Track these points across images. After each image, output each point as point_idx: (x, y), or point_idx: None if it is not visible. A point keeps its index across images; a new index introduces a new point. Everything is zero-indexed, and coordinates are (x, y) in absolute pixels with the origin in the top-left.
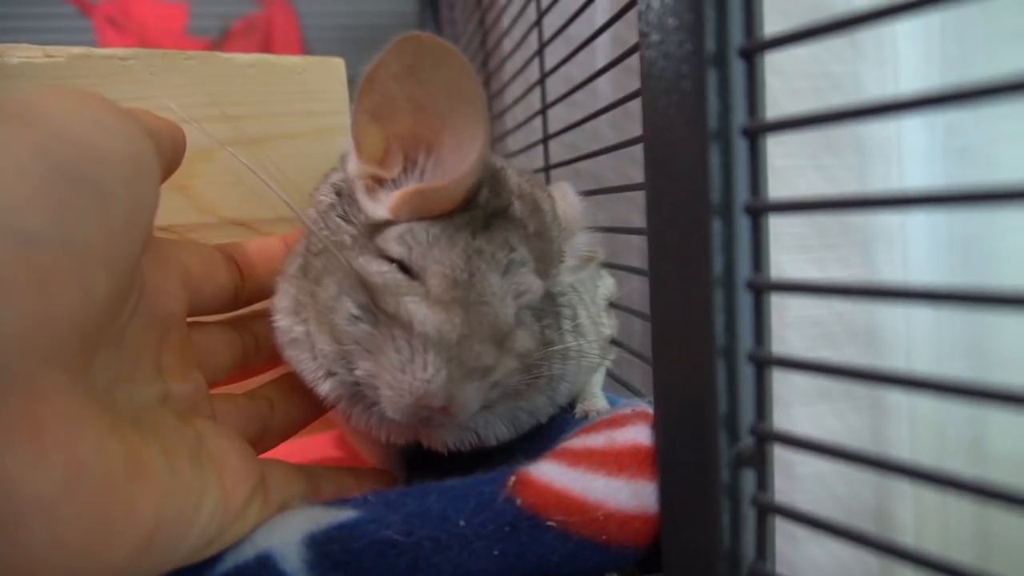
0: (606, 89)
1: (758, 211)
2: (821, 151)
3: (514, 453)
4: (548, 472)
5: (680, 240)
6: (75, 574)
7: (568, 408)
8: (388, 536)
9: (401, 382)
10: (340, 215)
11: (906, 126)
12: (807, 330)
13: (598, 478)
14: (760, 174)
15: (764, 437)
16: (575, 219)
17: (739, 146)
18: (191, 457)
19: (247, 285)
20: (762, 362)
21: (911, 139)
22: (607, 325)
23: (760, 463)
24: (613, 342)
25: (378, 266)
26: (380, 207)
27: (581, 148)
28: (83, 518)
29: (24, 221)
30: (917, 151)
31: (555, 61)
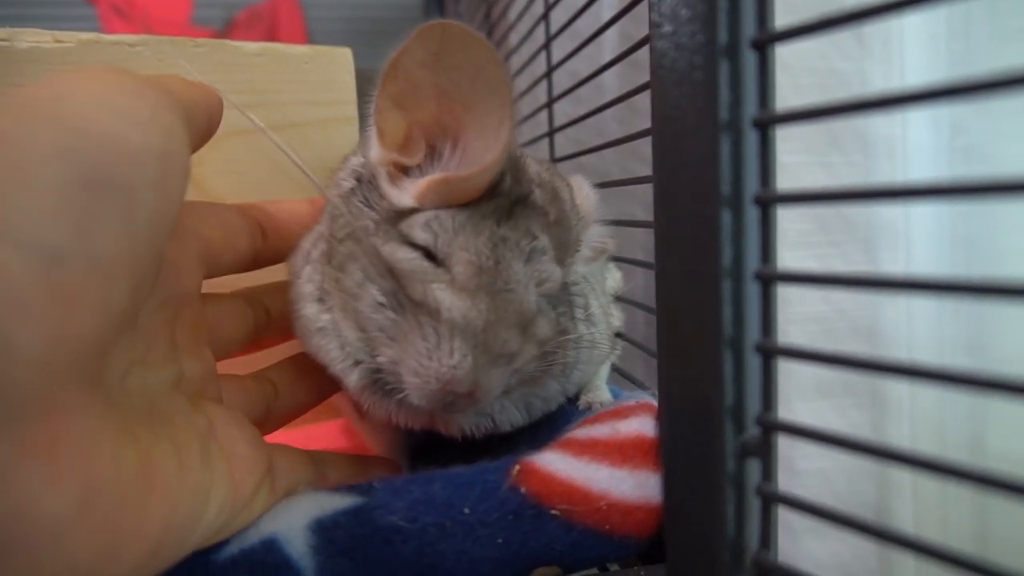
0: (613, 85)
1: (768, 202)
2: (827, 148)
3: (518, 443)
4: (552, 461)
5: (688, 232)
6: None
7: (572, 400)
8: (393, 522)
9: (428, 368)
10: (361, 201)
11: (911, 125)
12: (809, 326)
13: (602, 468)
14: (770, 165)
15: (770, 427)
16: (590, 211)
17: (750, 137)
18: (202, 449)
19: (269, 247)
20: (769, 352)
21: (916, 137)
22: (615, 316)
23: (765, 453)
24: (617, 335)
25: (404, 253)
26: (404, 195)
27: (586, 144)
28: (94, 538)
29: (46, 235)
30: (922, 149)
31: (561, 56)
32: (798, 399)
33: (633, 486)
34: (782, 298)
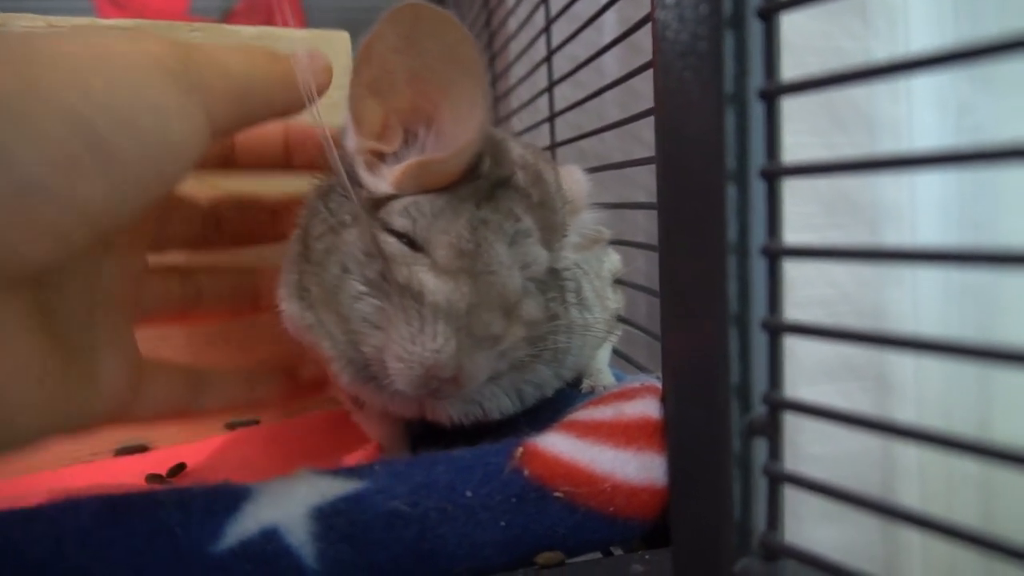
0: (613, 70)
1: (774, 175)
2: (831, 129)
3: (520, 426)
4: (556, 443)
5: (693, 207)
6: None
7: (575, 384)
8: (395, 507)
9: (412, 353)
10: (342, 193)
11: (916, 104)
12: (813, 310)
13: (606, 450)
14: (776, 137)
15: (777, 405)
16: (581, 196)
17: (755, 109)
18: (77, 366)
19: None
20: (776, 329)
21: (921, 117)
22: (613, 300)
23: (772, 432)
24: (619, 319)
25: (384, 239)
26: (382, 182)
27: (587, 129)
28: None
29: (32, 170)
30: (928, 129)
31: (561, 40)
32: (802, 384)
33: (638, 468)
34: (786, 282)
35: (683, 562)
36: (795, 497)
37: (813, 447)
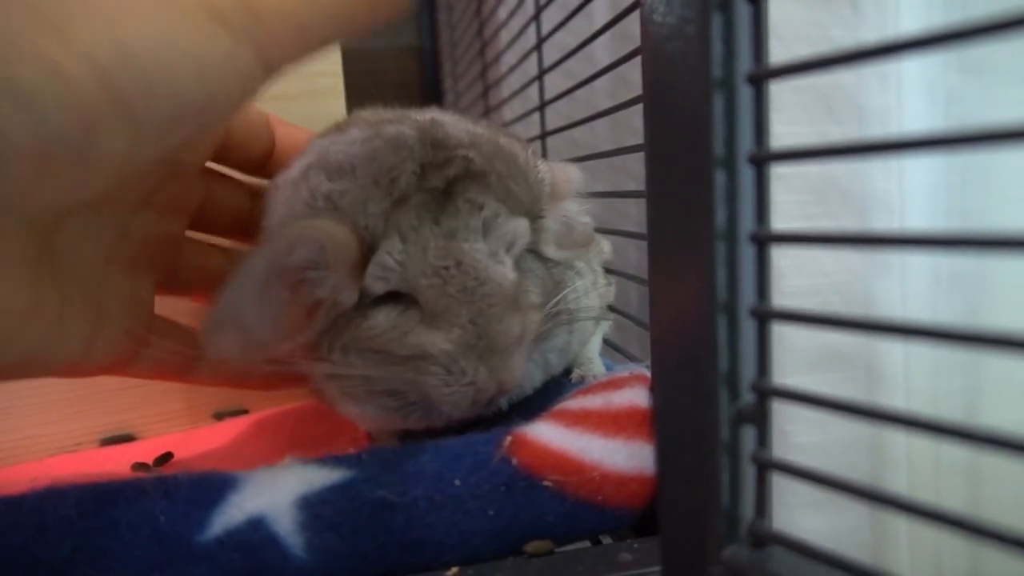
0: (604, 59)
1: (762, 160)
2: (822, 119)
3: (510, 414)
4: (545, 432)
5: (681, 194)
6: None
7: (565, 373)
8: (382, 496)
9: (452, 394)
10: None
11: (906, 94)
12: (803, 300)
13: (595, 439)
14: (764, 123)
15: (765, 393)
16: (566, 183)
17: (744, 93)
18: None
19: (274, 163)
20: (765, 316)
21: (912, 107)
22: (602, 284)
23: (761, 420)
24: (610, 308)
25: (377, 316)
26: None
27: (577, 120)
28: None
29: (54, 121)
30: (917, 119)
31: (551, 29)
32: (792, 374)
33: (627, 457)
34: (776, 273)
35: (671, 549)
36: (783, 486)
37: (802, 436)
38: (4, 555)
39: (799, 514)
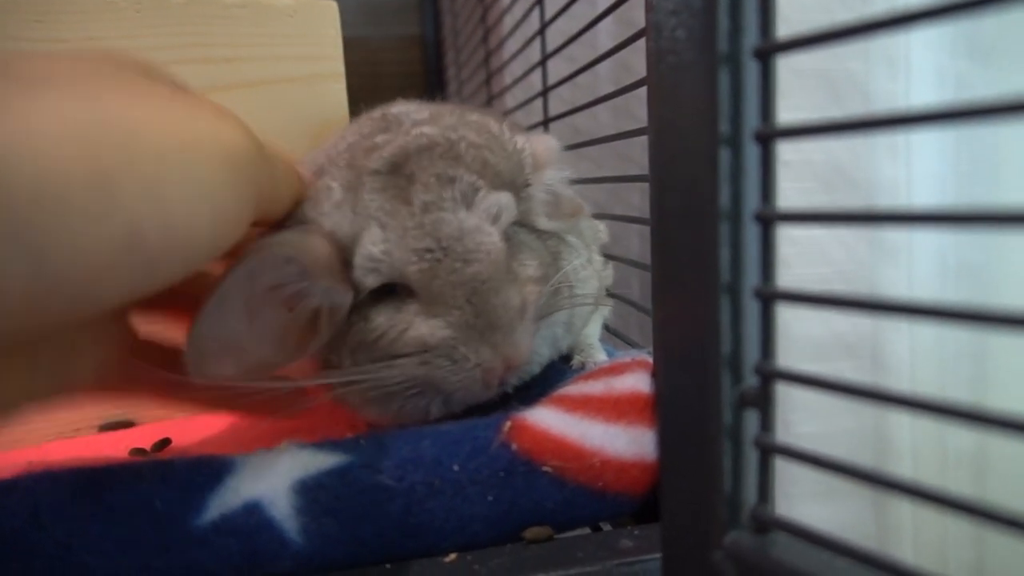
0: (607, 45)
1: (768, 137)
2: (827, 103)
3: (510, 399)
4: (545, 418)
5: (685, 172)
6: None
7: (565, 360)
8: (380, 481)
9: (462, 379)
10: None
11: (915, 80)
12: (809, 288)
13: (596, 424)
14: (771, 99)
15: (769, 376)
16: (544, 149)
17: (750, 68)
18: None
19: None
20: (769, 297)
21: (919, 93)
22: (598, 263)
23: (764, 403)
24: (610, 294)
25: (377, 316)
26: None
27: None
28: None
29: (69, 271)
30: (926, 105)
31: (554, 12)
32: (795, 362)
33: (628, 442)
34: (780, 261)
35: (672, 535)
36: (786, 476)
37: (805, 426)
38: None
39: (802, 505)
